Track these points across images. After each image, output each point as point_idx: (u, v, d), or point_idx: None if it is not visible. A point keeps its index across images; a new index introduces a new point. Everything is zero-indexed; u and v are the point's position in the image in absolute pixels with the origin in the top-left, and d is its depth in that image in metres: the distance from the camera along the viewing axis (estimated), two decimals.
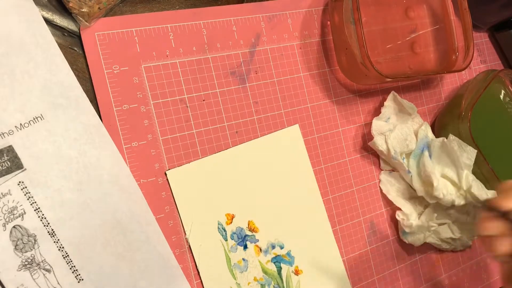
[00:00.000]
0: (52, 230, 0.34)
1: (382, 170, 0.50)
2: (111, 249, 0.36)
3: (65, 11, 0.38)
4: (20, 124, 0.34)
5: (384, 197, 0.49)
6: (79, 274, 0.34)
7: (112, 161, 0.36)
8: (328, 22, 0.48)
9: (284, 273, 0.43)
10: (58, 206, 0.34)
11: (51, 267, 0.34)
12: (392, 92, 0.49)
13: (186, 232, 0.39)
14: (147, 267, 0.37)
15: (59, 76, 0.35)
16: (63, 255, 0.34)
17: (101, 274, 0.35)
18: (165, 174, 0.39)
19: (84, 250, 0.35)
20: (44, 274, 0.33)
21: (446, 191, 0.46)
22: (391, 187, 0.49)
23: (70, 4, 0.36)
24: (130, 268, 0.36)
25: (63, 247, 0.34)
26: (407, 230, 0.48)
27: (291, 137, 0.45)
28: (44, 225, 0.34)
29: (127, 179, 0.37)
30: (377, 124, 0.47)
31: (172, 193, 0.39)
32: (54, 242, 0.34)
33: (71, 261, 0.34)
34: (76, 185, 0.35)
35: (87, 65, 0.38)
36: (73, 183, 0.35)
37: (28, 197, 0.33)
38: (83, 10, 0.36)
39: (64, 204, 0.34)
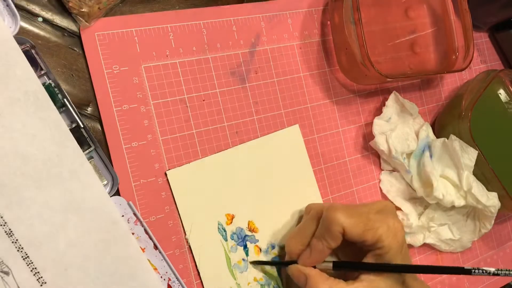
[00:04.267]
0: (10, 229, 0.32)
1: (383, 170, 0.50)
2: (76, 250, 0.34)
3: (65, 11, 0.38)
4: None
5: (384, 197, 0.49)
6: (41, 277, 0.33)
7: (72, 157, 0.35)
8: (328, 22, 0.48)
9: (284, 273, 0.43)
10: (15, 204, 0.32)
11: (9, 269, 0.32)
12: (394, 92, 0.49)
13: (186, 232, 0.39)
14: (117, 270, 0.35)
15: (15, 70, 0.34)
16: (22, 256, 0.32)
17: (66, 276, 0.33)
18: (165, 174, 0.39)
19: (46, 251, 0.33)
20: (2, 277, 0.32)
21: (445, 191, 0.46)
22: (391, 187, 0.49)
23: (70, 4, 0.36)
24: (99, 271, 0.34)
25: (22, 248, 0.32)
26: (407, 230, 0.48)
27: (291, 137, 0.45)
28: (1, 224, 0.32)
29: (89, 176, 0.35)
30: (379, 124, 0.47)
31: (172, 193, 0.39)
32: (12, 242, 0.32)
33: (32, 262, 0.33)
34: (35, 183, 0.33)
35: (87, 65, 0.38)
36: (32, 181, 0.33)
37: None
38: (83, 10, 0.36)
39: (22, 202, 0.33)
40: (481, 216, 0.49)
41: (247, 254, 0.41)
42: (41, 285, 0.33)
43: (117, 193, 0.37)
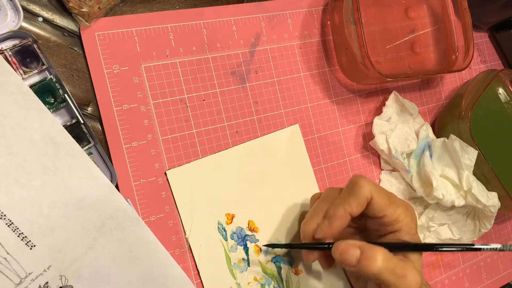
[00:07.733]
0: None
1: (383, 170, 0.50)
2: (60, 210, 0.34)
3: (65, 11, 0.38)
4: None
5: None
6: (30, 241, 0.33)
7: (40, 118, 0.34)
8: (328, 22, 0.48)
9: (284, 273, 0.43)
10: None
11: None
12: (394, 92, 0.49)
13: (186, 232, 0.39)
14: (104, 223, 0.35)
15: None
16: (6, 223, 0.32)
17: (54, 237, 0.33)
18: (165, 174, 0.39)
19: (29, 214, 0.33)
20: None
21: (445, 191, 0.46)
22: (391, 187, 0.49)
23: (70, 4, 0.36)
24: (84, 227, 0.34)
25: (4, 215, 0.32)
26: None
27: (291, 137, 0.45)
28: None
29: (61, 135, 0.34)
30: (378, 123, 0.47)
31: (172, 193, 0.39)
32: None
33: (17, 228, 0.33)
34: (6, 149, 0.33)
35: (87, 65, 0.38)
36: (2, 147, 0.32)
37: None
38: (83, 10, 0.36)
39: None
40: (481, 216, 0.49)
41: (247, 254, 0.41)
42: (30, 249, 0.33)
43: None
